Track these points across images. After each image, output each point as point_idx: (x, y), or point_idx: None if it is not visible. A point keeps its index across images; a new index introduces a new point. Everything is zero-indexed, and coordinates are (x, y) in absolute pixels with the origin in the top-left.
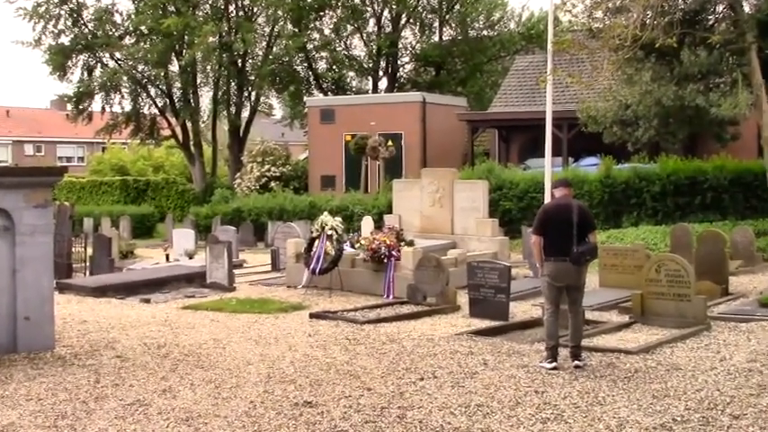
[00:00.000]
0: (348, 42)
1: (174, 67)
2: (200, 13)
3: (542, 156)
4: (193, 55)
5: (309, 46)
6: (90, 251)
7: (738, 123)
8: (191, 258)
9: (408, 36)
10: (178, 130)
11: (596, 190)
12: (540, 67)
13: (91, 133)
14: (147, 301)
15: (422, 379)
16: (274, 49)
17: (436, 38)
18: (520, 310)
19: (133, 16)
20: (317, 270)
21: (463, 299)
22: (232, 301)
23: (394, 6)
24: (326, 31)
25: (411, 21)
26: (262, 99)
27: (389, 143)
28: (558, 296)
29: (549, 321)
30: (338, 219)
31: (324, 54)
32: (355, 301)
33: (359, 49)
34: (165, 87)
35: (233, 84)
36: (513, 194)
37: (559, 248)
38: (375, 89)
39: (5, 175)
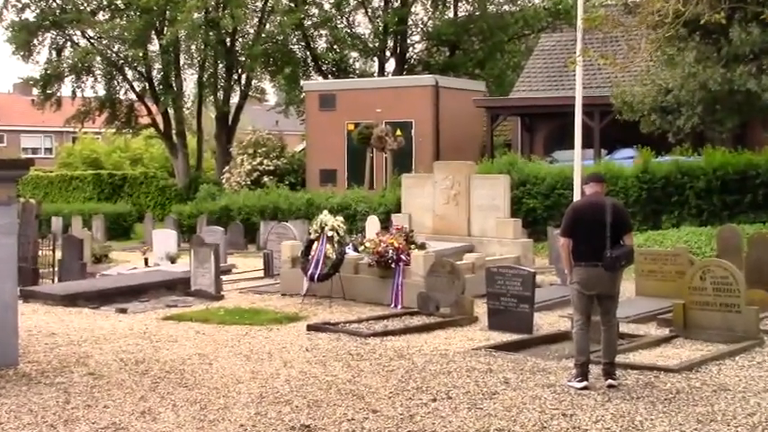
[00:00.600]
0: (351, 19)
1: (155, 46)
2: None
3: (571, 147)
4: (176, 33)
5: (307, 23)
6: (59, 254)
7: None
8: (173, 263)
9: (419, 12)
10: (159, 117)
11: (632, 186)
12: (568, 46)
13: (60, 121)
14: (124, 310)
15: (434, 400)
16: (267, 26)
17: (451, 14)
18: (546, 322)
19: None
20: (316, 276)
21: (481, 309)
22: (219, 311)
23: None
24: (326, 6)
25: None
26: (253, 83)
27: (398, 133)
28: (588, 306)
29: (578, 335)
30: (339, 218)
31: (323, 32)
32: (359, 311)
33: (363, 26)
34: (143, 69)
35: (220, 65)
36: (539, 191)
37: (591, 252)
38: (381, 72)
39: None
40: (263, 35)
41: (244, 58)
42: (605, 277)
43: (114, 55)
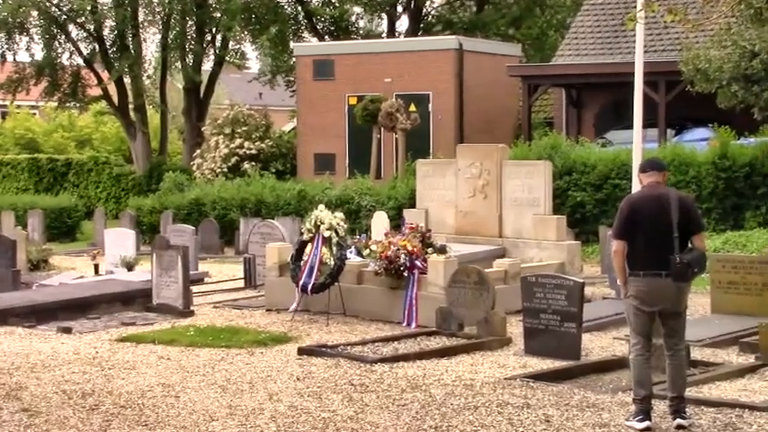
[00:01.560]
0: None
1: None
2: None
3: (630, 126)
4: None
5: None
6: None
7: None
8: (130, 270)
9: None
10: (112, 88)
11: (707, 176)
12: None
13: None
14: (68, 330)
15: None
16: None
17: None
18: (597, 346)
19: None
20: (310, 287)
21: (516, 328)
22: (189, 331)
23: None
24: None
25: None
26: (231, 45)
27: (412, 108)
28: (649, 326)
29: (636, 362)
30: (339, 215)
31: None
32: (363, 330)
33: None
34: (92, 27)
35: (190, 23)
36: (588, 181)
37: (652, 258)
38: (391, 32)
39: None
40: None
41: (219, 14)
42: (671, 290)
43: (55, 8)
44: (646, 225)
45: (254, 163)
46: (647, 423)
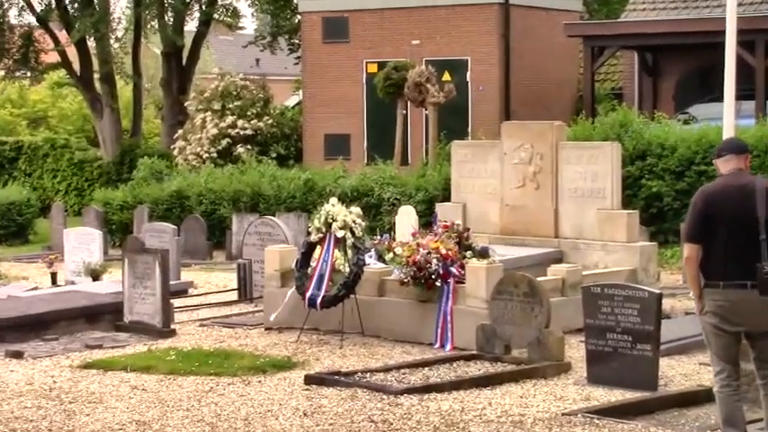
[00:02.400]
0: None
1: None
2: None
3: (718, 98)
4: None
5: None
6: None
7: None
8: (95, 279)
9: None
10: (72, 53)
11: None
12: None
13: None
14: (19, 355)
15: None
16: None
17: None
18: (678, 373)
19: None
20: (319, 300)
21: (576, 351)
22: (169, 355)
23: None
24: None
25: None
26: (220, 1)
27: (446, 77)
28: (733, 349)
29: (722, 395)
30: (355, 210)
31: None
32: (385, 353)
33: None
34: None
35: None
36: (666, 167)
37: (734, 265)
38: None
39: None
40: None
41: None
42: (758, 304)
43: None
44: (725, 224)
45: (249, 146)
46: None
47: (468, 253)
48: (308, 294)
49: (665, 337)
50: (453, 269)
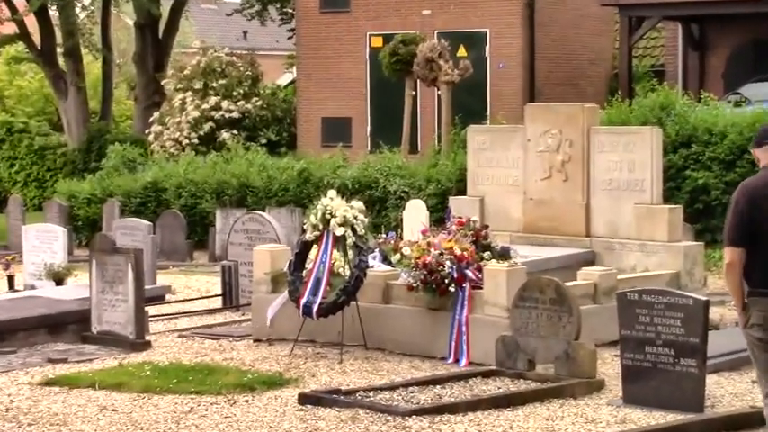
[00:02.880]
0: None
1: None
2: None
3: None
4: None
5: None
6: None
7: None
8: (59, 284)
9: None
10: (32, 23)
11: None
12: None
13: None
14: None
15: None
16: None
17: None
18: (728, 392)
19: None
20: (315, 308)
21: (610, 367)
22: (144, 370)
23: None
24: None
25: None
26: None
27: (461, 53)
28: None
29: None
30: (357, 205)
31: None
32: (391, 369)
33: None
34: None
35: None
36: (715, 156)
37: None
38: None
39: None
40: None
41: None
42: None
43: None
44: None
45: (235, 131)
46: None
47: (487, 254)
48: (302, 301)
49: (713, 351)
50: (469, 272)
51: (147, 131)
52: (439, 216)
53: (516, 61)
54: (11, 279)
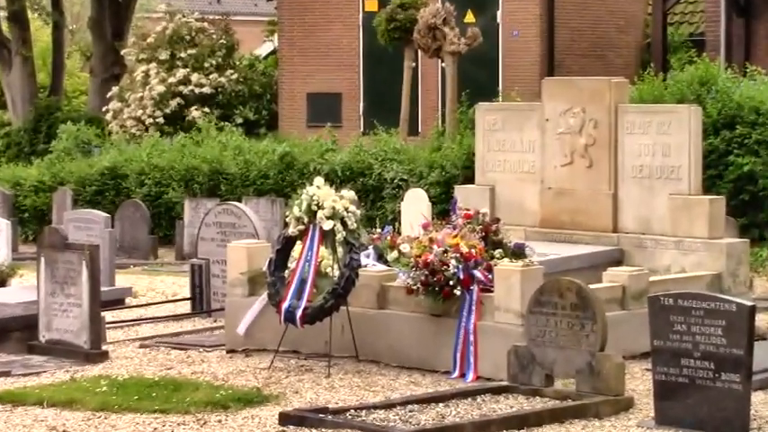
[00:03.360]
0: None
1: None
2: None
3: None
4: None
5: None
6: None
7: None
8: (1, 285)
9: None
10: None
11: None
12: None
13: None
14: None
15: None
16: None
17: None
18: None
19: None
20: (299, 314)
21: (641, 382)
22: (100, 386)
23: None
24: None
25: None
26: None
27: (468, 19)
28: None
29: None
30: (348, 195)
31: None
32: (386, 384)
33: None
34: None
35: None
36: (763, 139)
37: None
38: None
39: None
40: None
41: None
42: None
43: None
44: None
45: (207, 109)
46: None
47: (498, 252)
48: (284, 306)
49: (759, 365)
50: (478, 273)
51: (104, 109)
52: (443, 208)
53: (533, 29)
54: None
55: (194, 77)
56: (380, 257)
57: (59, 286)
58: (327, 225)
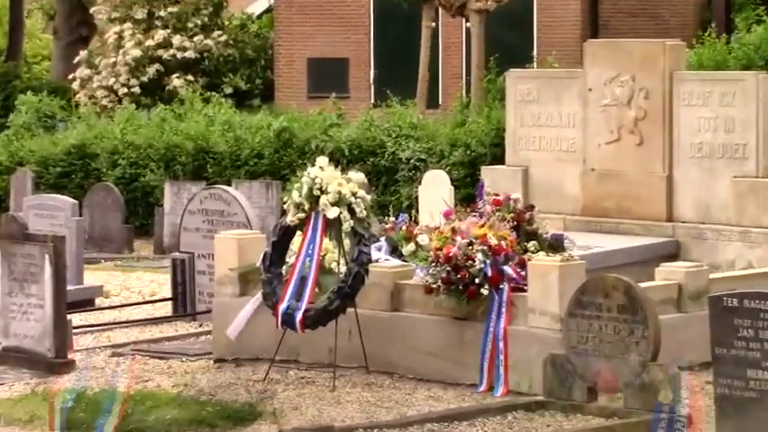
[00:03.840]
0: None
1: None
2: None
3: None
4: None
5: None
6: None
7: None
8: None
9: None
10: None
11: None
12: None
13: None
14: None
15: None
16: None
17: None
18: None
19: None
20: (299, 317)
21: (701, 397)
22: (65, 400)
23: None
24: None
25: None
26: None
27: None
28: None
29: None
30: (357, 177)
31: None
32: (401, 399)
33: None
34: None
35: None
36: None
37: None
38: None
39: None
40: None
41: None
42: None
43: None
44: None
45: (191, 77)
46: None
47: (532, 244)
48: (281, 308)
49: None
50: (508, 269)
51: (70, 77)
52: (468, 193)
53: None
54: None
55: (176, 40)
56: (394, 251)
57: (18, 284)
58: (332, 213)
